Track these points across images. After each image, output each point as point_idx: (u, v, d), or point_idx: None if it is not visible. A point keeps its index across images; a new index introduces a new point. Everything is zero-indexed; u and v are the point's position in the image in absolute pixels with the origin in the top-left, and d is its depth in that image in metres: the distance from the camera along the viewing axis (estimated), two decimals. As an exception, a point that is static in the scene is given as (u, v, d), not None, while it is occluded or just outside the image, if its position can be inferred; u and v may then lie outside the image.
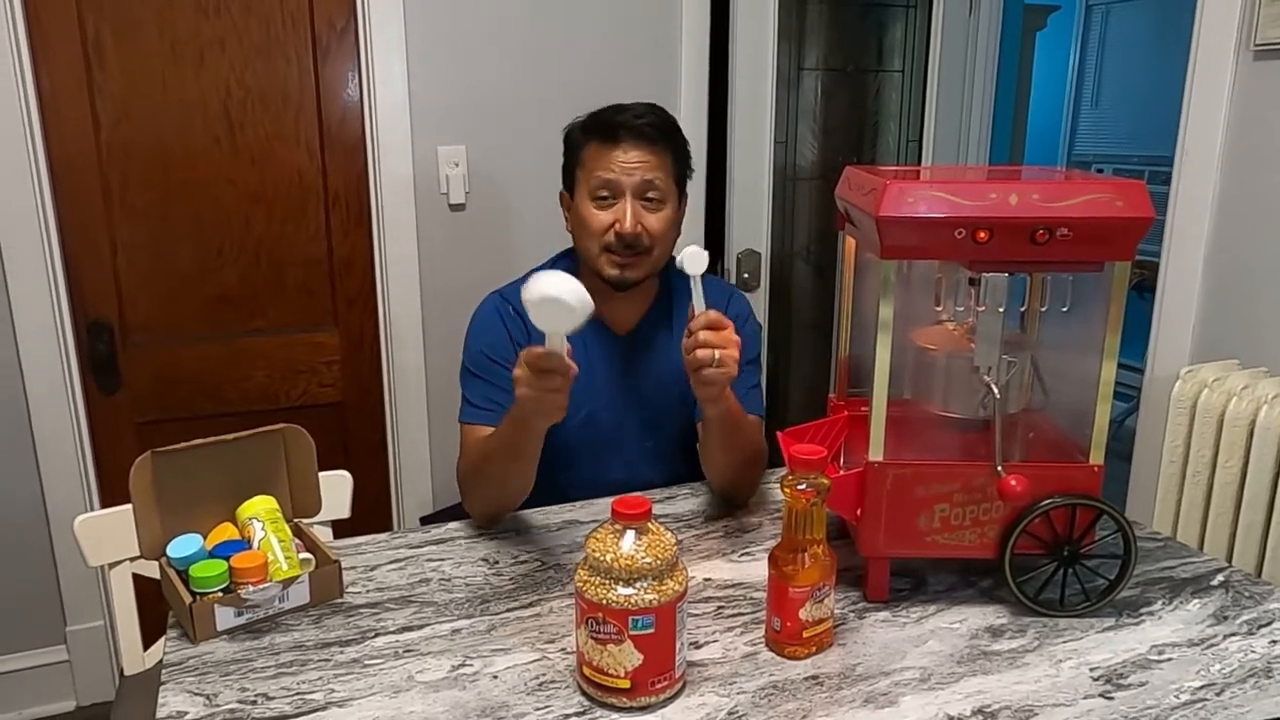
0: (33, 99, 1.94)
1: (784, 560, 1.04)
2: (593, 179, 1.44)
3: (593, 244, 1.45)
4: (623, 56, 2.32)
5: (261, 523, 1.18)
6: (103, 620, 2.20)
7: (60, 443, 2.09)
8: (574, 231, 1.50)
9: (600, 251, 1.45)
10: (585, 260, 1.49)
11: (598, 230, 1.44)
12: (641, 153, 1.43)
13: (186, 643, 1.08)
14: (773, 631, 1.07)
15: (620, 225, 1.42)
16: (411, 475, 2.37)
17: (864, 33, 3.02)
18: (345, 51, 2.15)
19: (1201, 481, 1.81)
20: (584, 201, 1.46)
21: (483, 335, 1.52)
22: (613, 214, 1.43)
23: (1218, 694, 0.99)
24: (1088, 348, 1.11)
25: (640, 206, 1.43)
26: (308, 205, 2.20)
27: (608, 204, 1.44)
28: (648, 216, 1.44)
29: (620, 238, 1.42)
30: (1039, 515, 1.10)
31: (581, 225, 1.46)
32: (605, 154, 1.43)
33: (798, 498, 1.03)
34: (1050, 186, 1.05)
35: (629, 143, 1.43)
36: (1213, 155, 1.88)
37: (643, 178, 1.42)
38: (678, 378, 1.50)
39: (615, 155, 1.42)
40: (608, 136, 1.44)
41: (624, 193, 1.43)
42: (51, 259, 2.00)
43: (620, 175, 1.42)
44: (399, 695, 0.98)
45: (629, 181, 1.42)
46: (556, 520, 1.41)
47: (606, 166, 1.42)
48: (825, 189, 3.01)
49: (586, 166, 1.45)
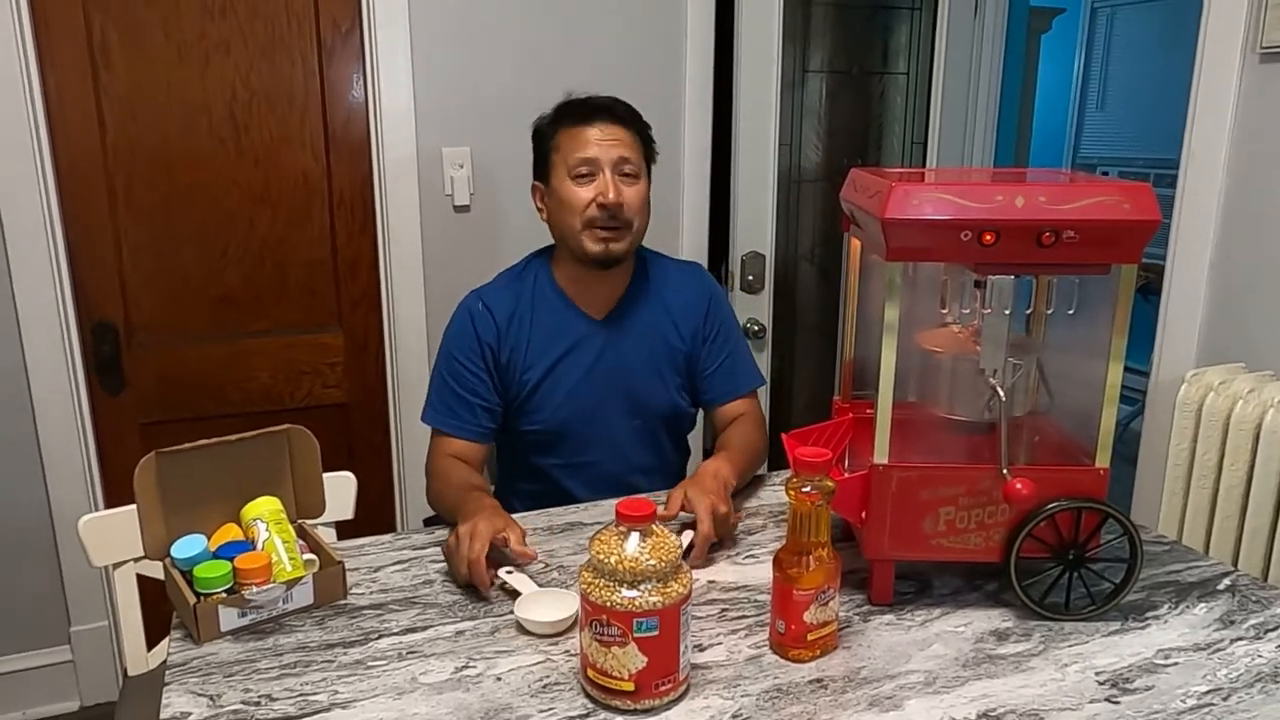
0: (39, 100, 1.94)
1: (789, 563, 1.04)
2: (571, 158, 1.48)
3: (575, 220, 1.48)
4: (628, 58, 2.32)
5: (265, 524, 1.18)
6: (106, 621, 2.20)
7: (65, 443, 2.09)
8: (553, 216, 1.54)
9: (584, 227, 1.48)
10: (567, 242, 1.52)
11: (580, 206, 1.47)
12: (614, 129, 1.49)
13: (190, 643, 1.08)
14: (777, 634, 1.06)
15: (603, 196, 1.46)
16: (415, 477, 2.36)
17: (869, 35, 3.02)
18: (350, 53, 2.15)
19: (1207, 485, 1.81)
20: (563, 182, 1.49)
21: (453, 337, 1.56)
22: (593, 188, 1.47)
23: (1224, 699, 0.98)
24: (1093, 350, 1.10)
25: (618, 178, 1.47)
26: (312, 206, 2.20)
27: (587, 181, 1.48)
28: (626, 188, 1.48)
29: (604, 209, 1.46)
30: (1045, 519, 1.10)
31: (562, 205, 1.49)
32: (580, 133, 1.48)
33: (802, 500, 1.03)
34: (1057, 189, 1.05)
35: (602, 121, 1.48)
36: (1218, 158, 1.88)
37: (619, 153, 1.48)
38: (657, 359, 1.56)
39: (591, 133, 1.48)
40: (580, 118, 1.49)
41: (603, 167, 1.47)
42: (57, 260, 2.01)
43: (599, 152, 1.47)
44: (403, 697, 0.98)
45: (607, 157, 1.47)
46: (560, 522, 1.41)
47: (584, 145, 1.47)
48: (830, 191, 3.01)
49: (562, 149, 1.49)
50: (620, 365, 1.56)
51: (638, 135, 1.52)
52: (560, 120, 1.52)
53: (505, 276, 1.61)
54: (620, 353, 1.56)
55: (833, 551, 1.05)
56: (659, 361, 1.58)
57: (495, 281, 1.61)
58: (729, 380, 1.62)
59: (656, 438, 1.62)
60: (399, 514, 2.40)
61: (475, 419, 1.52)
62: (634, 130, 1.52)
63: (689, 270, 1.68)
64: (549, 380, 1.54)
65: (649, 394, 1.59)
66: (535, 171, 1.57)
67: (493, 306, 1.55)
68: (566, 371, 1.55)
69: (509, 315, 1.54)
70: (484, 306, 1.55)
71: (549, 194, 1.53)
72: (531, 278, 1.58)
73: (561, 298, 1.56)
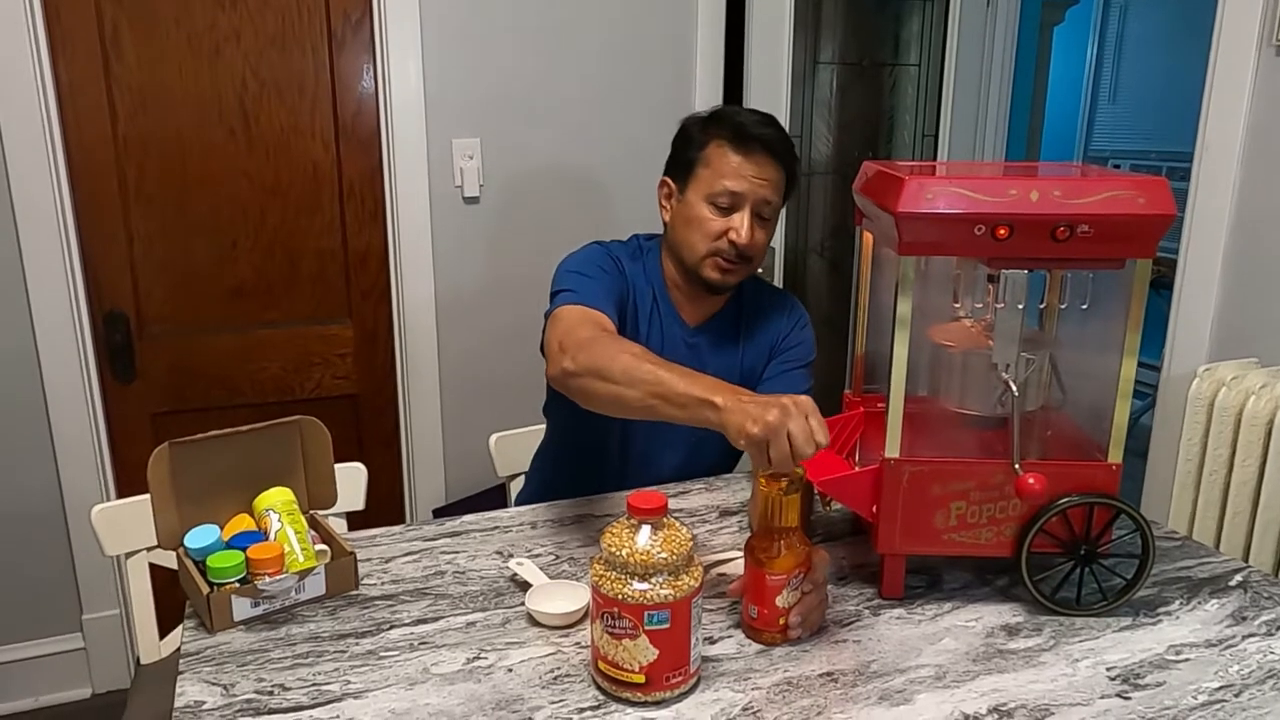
0: (51, 91, 1.94)
1: (760, 548, 1.05)
2: (716, 184, 1.41)
3: (702, 246, 1.44)
4: (638, 49, 2.31)
5: (278, 514, 1.18)
6: (118, 609, 2.22)
7: (77, 432, 2.10)
8: (677, 225, 1.48)
9: (707, 255, 1.44)
10: (683, 256, 1.47)
11: (710, 234, 1.43)
12: (769, 169, 1.42)
13: (203, 633, 1.09)
14: (749, 618, 1.07)
15: (737, 236, 1.41)
16: (424, 468, 2.37)
17: (880, 26, 3.00)
18: (360, 44, 2.15)
19: (1218, 480, 1.80)
20: (698, 201, 1.43)
21: (588, 256, 1.48)
22: (727, 222, 1.42)
23: (1236, 695, 0.98)
24: (1107, 345, 1.10)
25: (754, 220, 1.42)
26: (322, 198, 2.20)
27: (725, 211, 1.42)
28: (758, 230, 1.43)
29: (734, 247, 1.42)
30: (1056, 514, 1.10)
31: (691, 223, 1.44)
32: (735, 160, 1.41)
33: (770, 486, 1.03)
34: (1071, 183, 1.05)
35: (762, 156, 1.41)
36: (1233, 151, 1.86)
37: (765, 195, 1.42)
38: (737, 377, 1.51)
39: (745, 165, 1.41)
40: (741, 143, 1.41)
41: (745, 204, 1.42)
42: (69, 250, 2.01)
43: (747, 189, 1.41)
44: (414, 687, 0.99)
45: (753, 195, 1.41)
46: (571, 514, 1.41)
47: (735, 175, 1.41)
48: (840, 184, 3.00)
49: (713, 167, 1.42)
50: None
51: (787, 175, 1.46)
52: (717, 133, 1.44)
53: (618, 245, 1.55)
54: (703, 365, 1.51)
55: (803, 537, 1.06)
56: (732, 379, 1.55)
57: (613, 243, 1.55)
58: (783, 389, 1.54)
59: (710, 447, 1.57)
60: (408, 505, 2.41)
61: (612, 306, 1.40)
62: (785, 170, 1.45)
63: (785, 299, 1.64)
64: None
65: None
66: (671, 168, 1.50)
67: (618, 256, 1.51)
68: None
69: (629, 271, 1.50)
70: (609, 253, 1.50)
71: (680, 201, 1.47)
72: (642, 261, 1.54)
73: (665, 295, 1.53)
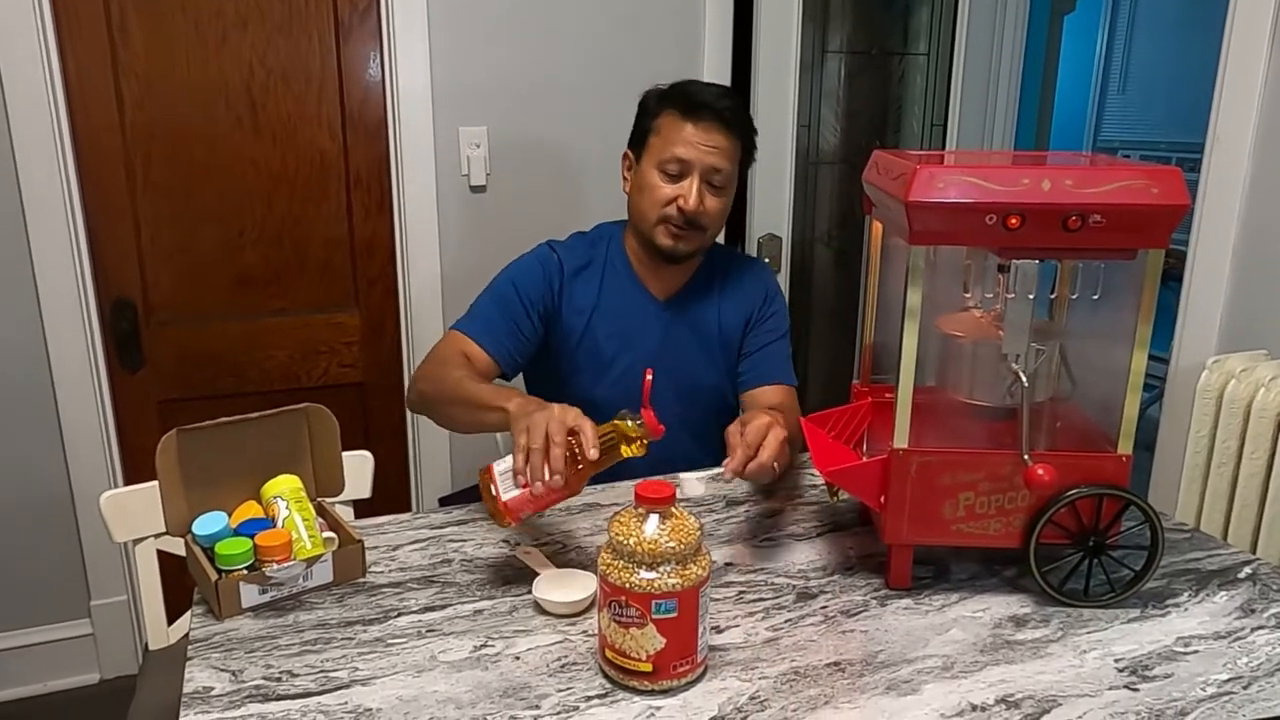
0: (58, 78, 1.94)
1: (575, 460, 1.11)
2: (665, 152, 1.45)
3: (652, 212, 1.48)
4: (646, 37, 2.30)
5: (286, 501, 1.18)
6: (126, 595, 2.23)
7: (84, 419, 2.11)
8: (633, 194, 1.53)
9: (657, 221, 1.48)
10: (638, 224, 1.51)
11: (659, 201, 1.46)
12: (718, 137, 1.45)
13: (212, 619, 1.09)
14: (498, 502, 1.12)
15: (684, 202, 1.44)
16: (430, 456, 2.37)
17: (889, 15, 2.98)
18: (367, 31, 2.14)
19: (1226, 473, 1.79)
20: (650, 170, 1.47)
21: (522, 271, 1.54)
22: (676, 189, 1.45)
23: (1245, 687, 0.98)
24: (1117, 336, 1.09)
25: (704, 187, 1.45)
26: (329, 186, 2.20)
27: (674, 179, 1.45)
28: (709, 198, 1.46)
29: (681, 213, 1.45)
30: (1065, 505, 1.09)
31: (643, 191, 1.49)
32: (683, 128, 1.44)
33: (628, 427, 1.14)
34: (1083, 172, 1.04)
35: (709, 123, 1.44)
36: (1245, 142, 1.85)
37: (713, 162, 1.45)
38: (713, 348, 1.54)
39: (693, 133, 1.44)
40: (689, 111, 1.45)
41: (693, 171, 1.45)
42: (76, 237, 2.02)
43: (693, 155, 1.44)
44: (422, 674, 0.99)
45: (700, 162, 1.44)
46: (578, 503, 1.41)
47: (682, 142, 1.44)
48: (848, 173, 2.98)
49: (662, 135, 1.47)
50: (678, 350, 1.56)
51: (739, 143, 1.48)
52: (668, 103, 1.48)
53: (577, 238, 1.61)
54: (678, 338, 1.56)
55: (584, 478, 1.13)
56: (712, 348, 1.57)
57: (568, 241, 1.60)
58: (766, 365, 1.60)
59: (705, 426, 1.60)
60: (414, 493, 2.41)
61: (508, 342, 1.48)
62: (737, 137, 1.47)
63: (753, 264, 1.67)
64: (608, 353, 1.54)
65: (702, 380, 1.58)
66: (631, 140, 1.55)
67: (564, 259, 1.54)
68: (626, 349, 1.54)
69: (576, 271, 1.54)
70: (557, 257, 1.54)
71: (635, 171, 1.52)
72: (604, 246, 1.58)
73: (631, 274, 1.56)
